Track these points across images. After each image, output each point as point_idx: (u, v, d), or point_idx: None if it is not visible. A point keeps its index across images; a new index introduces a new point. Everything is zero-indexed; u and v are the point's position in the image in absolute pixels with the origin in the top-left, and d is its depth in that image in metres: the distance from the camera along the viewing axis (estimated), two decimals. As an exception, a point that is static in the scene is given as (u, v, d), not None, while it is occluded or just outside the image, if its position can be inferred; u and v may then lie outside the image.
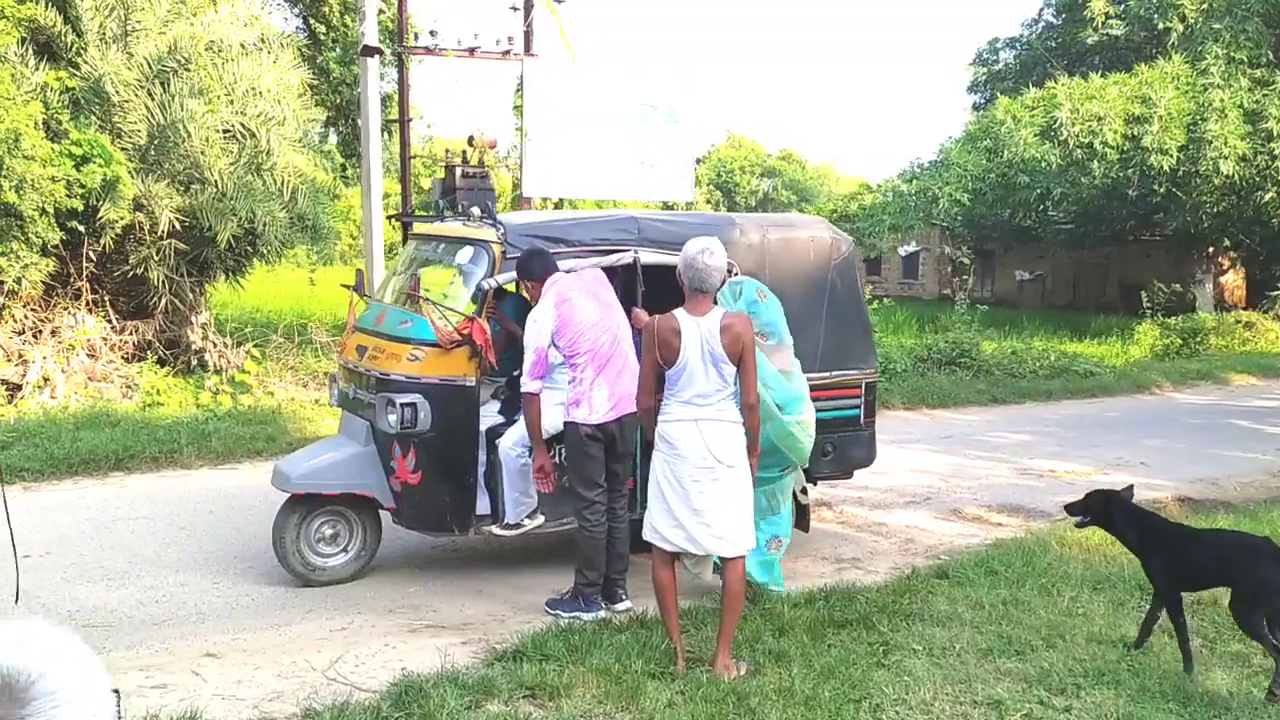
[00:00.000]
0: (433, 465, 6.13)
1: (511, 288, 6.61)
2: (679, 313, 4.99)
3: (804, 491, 6.99)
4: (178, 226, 12.49)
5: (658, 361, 4.97)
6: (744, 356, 4.90)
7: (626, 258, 6.38)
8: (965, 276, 22.52)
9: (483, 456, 6.28)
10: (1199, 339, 19.03)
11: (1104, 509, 5.40)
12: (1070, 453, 10.35)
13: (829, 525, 7.93)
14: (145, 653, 5.43)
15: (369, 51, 11.98)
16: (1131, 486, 5.59)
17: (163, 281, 13.01)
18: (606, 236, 6.42)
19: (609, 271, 6.26)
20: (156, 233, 12.55)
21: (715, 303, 5.14)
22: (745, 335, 4.92)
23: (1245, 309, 24.23)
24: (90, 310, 12.88)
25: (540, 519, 6.43)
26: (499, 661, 5.18)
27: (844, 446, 7.17)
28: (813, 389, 6.84)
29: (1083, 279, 32.54)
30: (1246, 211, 21.77)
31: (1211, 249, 26.53)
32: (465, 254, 6.38)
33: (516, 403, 6.59)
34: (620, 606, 5.99)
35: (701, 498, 4.96)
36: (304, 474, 6.30)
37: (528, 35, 13.85)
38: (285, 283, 21.18)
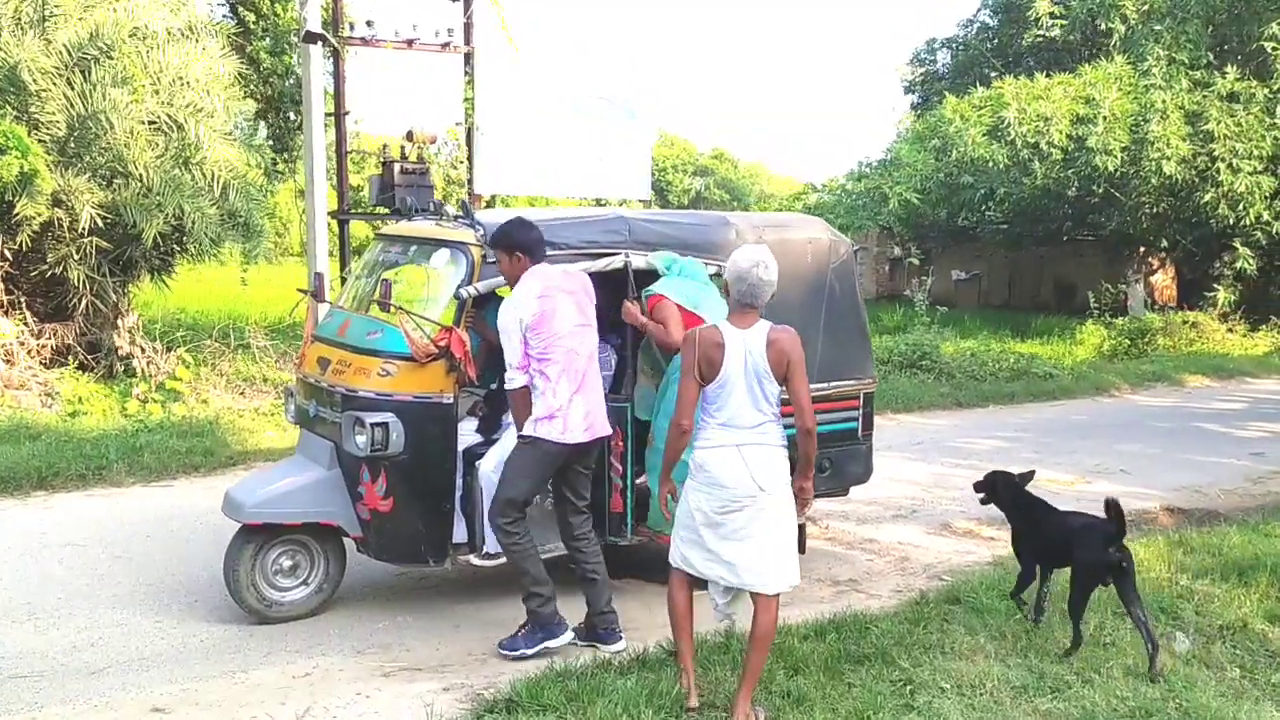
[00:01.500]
0: (406, 491, 5.54)
1: (504, 292, 6.03)
2: (723, 325, 4.56)
3: (800, 510, 6.53)
4: (100, 223, 11.66)
5: (699, 378, 4.49)
6: (792, 374, 4.50)
7: (617, 262, 5.86)
8: (924, 277, 22.27)
9: (459, 480, 5.72)
10: (1146, 339, 19.02)
11: (995, 487, 5.93)
12: (1047, 460, 10.01)
13: (817, 543, 7.49)
14: (84, 708, 4.80)
15: (311, 38, 11.28)
16: (1032, 471, 5.98)
17: (83, 281, 12.18)
18: (595, 239, 5.89)
19: (601, 277, 5.74)
20: (77, 230, 11.73)
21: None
22: (793, 351, 4.49)
23: (1177, 309, 24.37)
24: (6, 312, 12.02)
25: (522, 546, 5.88)
26: (490, 714, 4.65)
27: (842, 462, 6.75)
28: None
29: (1018, 278, 32.64)
30: (1185, 212, 21.85)
31: (1143, 249, 26.73)
32: (441, 257, 5.81)
33: (496, 420, 6.05)
34: (615, 647, 5.45)
35: (743, 530, 4.50)
36: (260, 502, 5.66)
37: (468, 27, 13.27)
38: (209, 282, 20.20)
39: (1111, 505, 5.30)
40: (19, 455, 8.88)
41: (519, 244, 5.27)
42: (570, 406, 5.19)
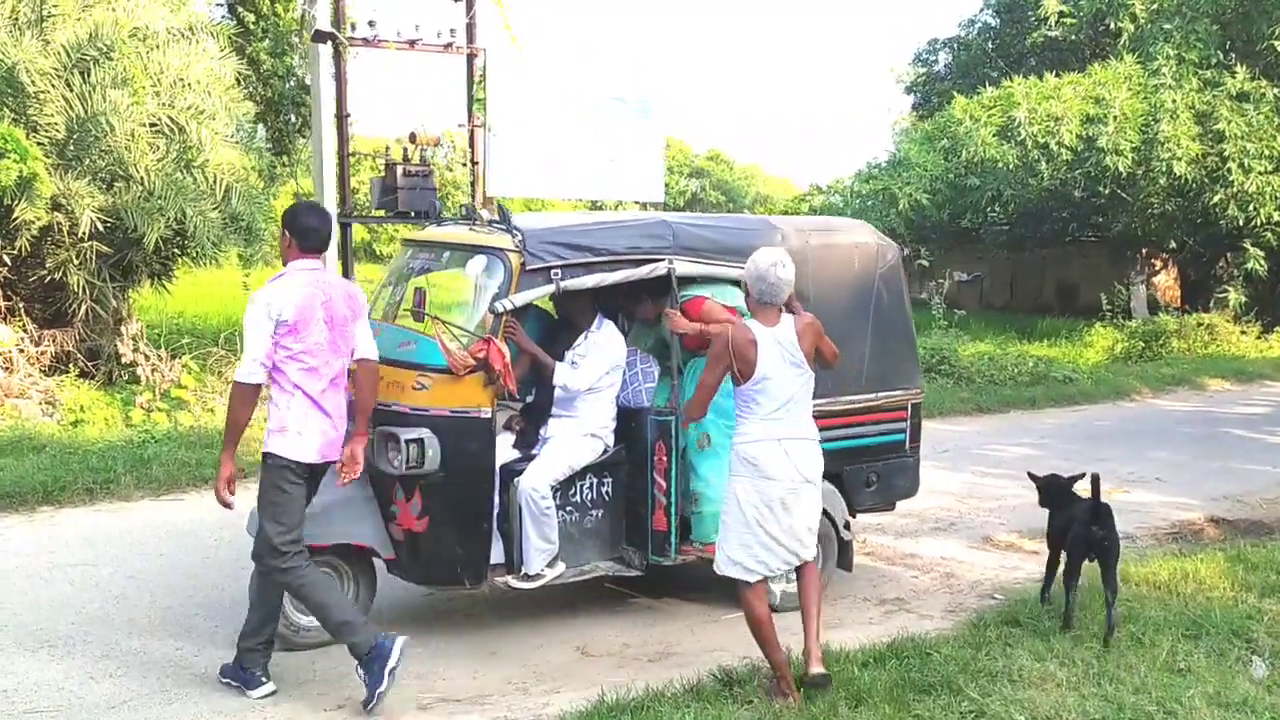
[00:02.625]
0: (442, 510, 5.26)
1: (546, 304, 5.77)
2: (752, 323, 4.69)
3: (846, 526, 6.27)
4: (100, 227, 11.37)
5: (735, 375, 4.67)
6: (821, 341, 4.84)
7: (660, 268, 5.59)
8: (941, 280, 22.03)
9: (497, 498, 5.43)
10: (1160, 342, 18.78)
11: (1049, 488, 6.20)
12: (1079, 467, 9.68)
13: (858, 558, 7.17)
14: (105, 747, 4.51)
15: (321, 37, 10.97)
16: (1084, 475, 6.01)
17: (83, 287, 11.87)
18: (638, 244, 5.63)
19: (642, 284, 5.47)
20: (76, 234, 11.43)
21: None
22: (819, 327, 4.85)
23: (1180, 310, 24.09)
24: (5, 319, 11.71)
25: (561, 567, 5.63)
26: (539, 750, 4.37)
27: (889, 475, 6.51)
28: (856, 411, 6.29)
29: (1019, 280, 32.42)
30: (1193, 213, 21.64)
31: (1145, 250, 26.47)
32: (477, 264, 5.52)
33: (534, 435, 5.77)
34: (257, 693, 4.93)
35: (793, 513, 4.75)
36: (287, 522, 5.35)
37: (470, 28, 12.99)
38: (206, 286, 19.85)
39: (1091, 479, 5.65)
40: (23, 468, 8.56)
41: (291, 226, 4.93)
42: (307, 422, 4.79)
